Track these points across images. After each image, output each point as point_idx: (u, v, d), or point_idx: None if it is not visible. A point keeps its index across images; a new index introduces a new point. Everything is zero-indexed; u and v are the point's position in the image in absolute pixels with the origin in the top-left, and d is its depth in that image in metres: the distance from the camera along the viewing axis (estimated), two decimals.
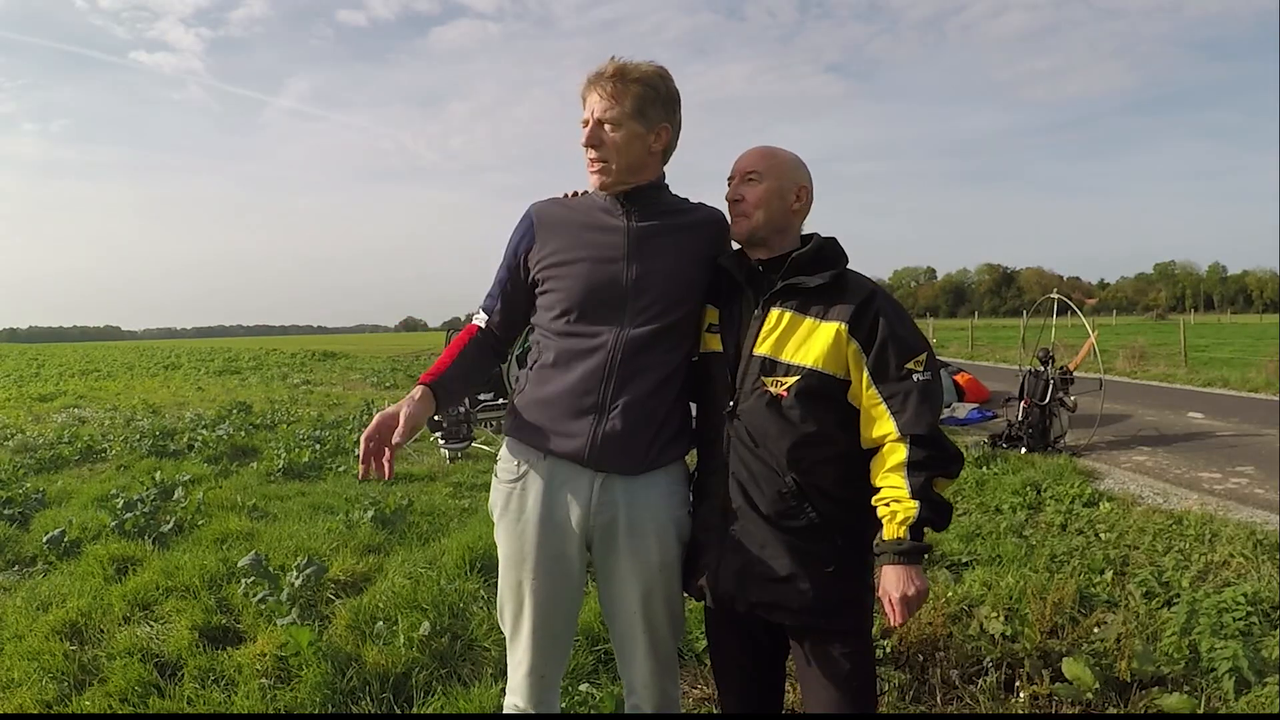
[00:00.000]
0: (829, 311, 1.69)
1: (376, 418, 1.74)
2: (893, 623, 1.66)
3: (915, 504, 1.61)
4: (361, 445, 1.71)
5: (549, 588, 1.82)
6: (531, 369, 1.86)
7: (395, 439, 1.71)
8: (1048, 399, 7.96)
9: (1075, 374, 8.33)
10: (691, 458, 1.95)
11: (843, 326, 1.66)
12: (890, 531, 1.63)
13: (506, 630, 1.90)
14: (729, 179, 1.83)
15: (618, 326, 1.77)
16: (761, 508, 1.72)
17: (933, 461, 1.62)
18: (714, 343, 1.82)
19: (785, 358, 1.70)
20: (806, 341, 1.69)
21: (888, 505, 1.64)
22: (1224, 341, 27.79)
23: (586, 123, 1.79)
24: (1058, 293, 9.41)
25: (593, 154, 1.79)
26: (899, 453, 1.63)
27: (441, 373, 1.85)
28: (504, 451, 1.89)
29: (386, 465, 1.71)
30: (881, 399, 1.65)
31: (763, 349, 1.72)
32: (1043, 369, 8.17)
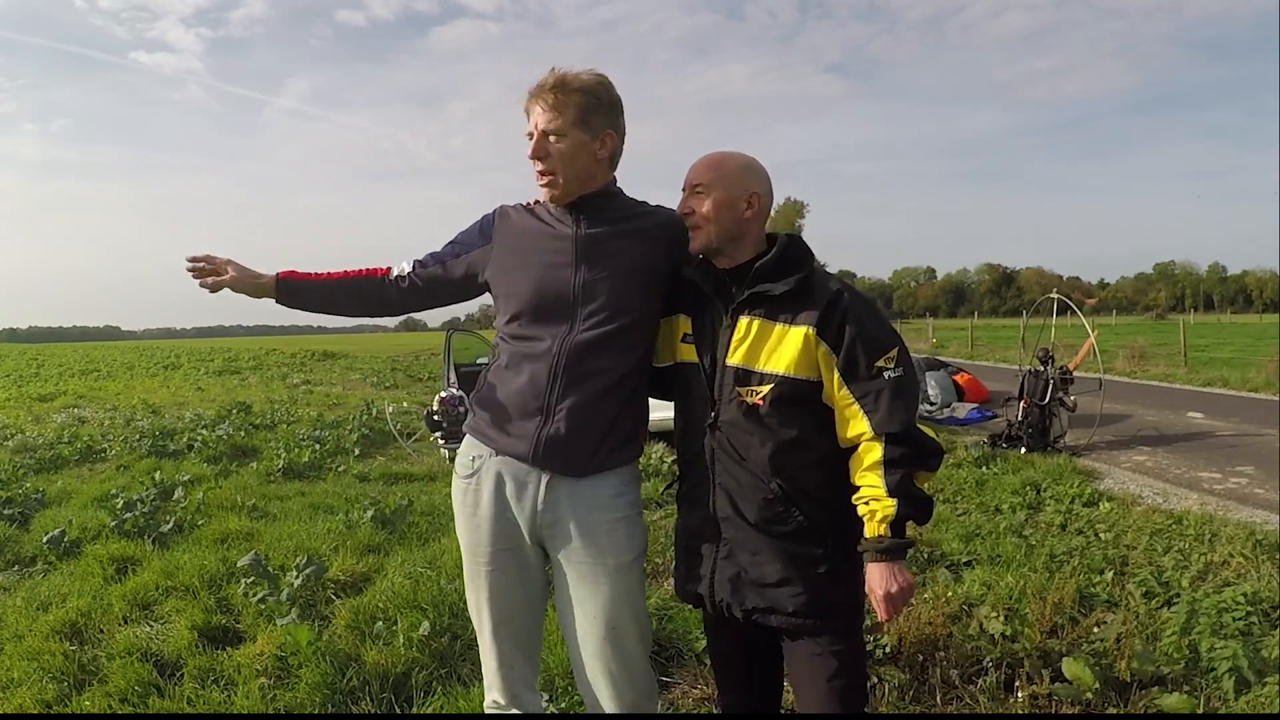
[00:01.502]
0: (797, 316, 1.69)
1: (226, 258, 1.94)
2: (880, 618, 1.68)
3: (893, 501, 1.62)
4: (203, 258, 1.92)
5: (505, 580, 1.86)
6: (489, 371, 1.90)
7: (209, 280, 1.93)
8: (1047, 399, 7.96)
9: (1075, 374, 8.33)
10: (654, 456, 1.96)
11: (810, 330, 1.66)
12: (871, 530, 1.65)
13: (475, 625, 1.94)
14: (682, 189, 1.81)
15: (565, 331, 1.79)
16: (749, 516, 1.73)
17: (909, 458, 1.63)
18: (689, 353, 1.82)
19: (758, 367, 1.71)
20: (777, 349, 1.69)
21: (867, 504, 1.65)
22: (1224, 341, 27.79)
23: (531, 135, 1.80)
24: (1058, 293, 9.42)
25: (540, 166, 1.81)
26: (874, 451, 1.64)
27: (303, 280, 1.97)
28: (463, 447, 1.92)
29: (206, 282, 1.93)
30: (854, 399, 1.66)
31: (735, 359, 1.72)
32: (1042, 369, 8.17)
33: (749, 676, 1.92)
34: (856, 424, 1.66)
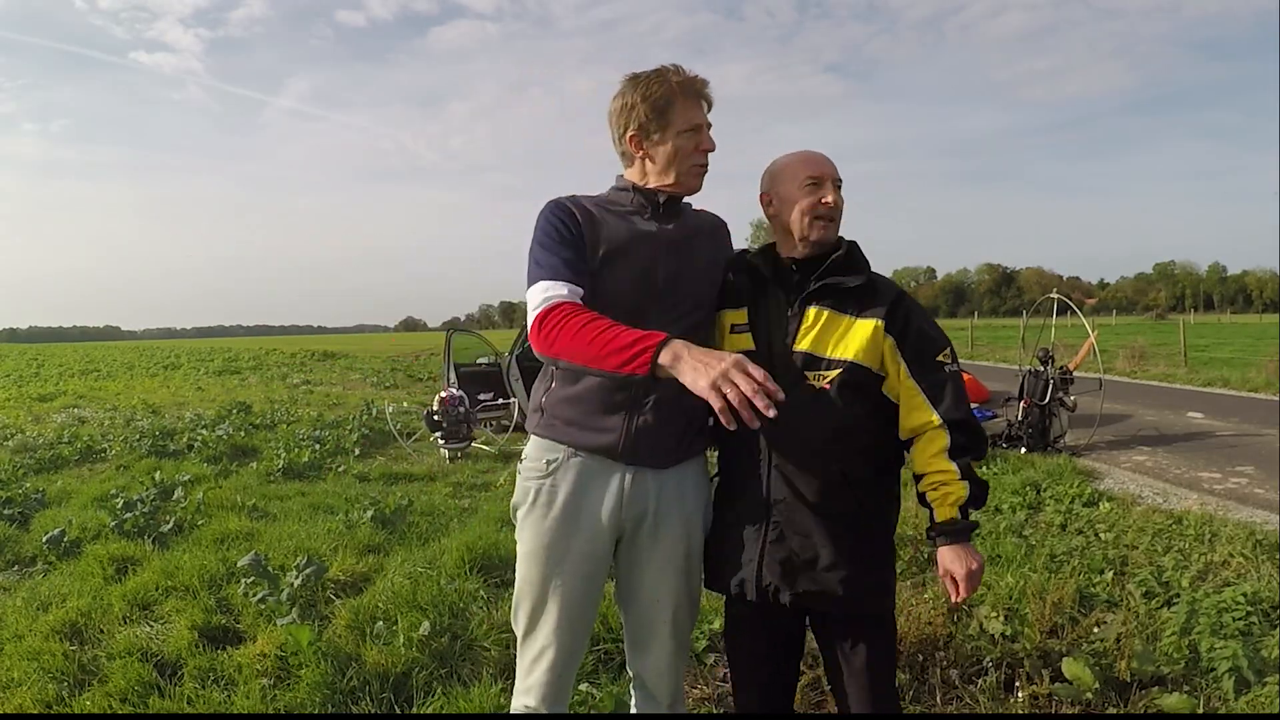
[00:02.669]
0: (864, 310, 1.78)
1: (748, 365, 1.45)
2: (957, 598, 1.75)
3: (965, 484, 1.73)
4: (747, 383, 1.42)
5: (575, 584, 1.83)
6: (557, 368, 1.87)
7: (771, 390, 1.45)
8: (1047, 399, 7.96)
9: (1075, 374, 8.33)
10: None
11: (880, 323, 1.77)
12: (944, 514, 1.74)
13: (521, 628, 1.89)
14: (814, 179, 1.82)
15: (647, 326, 1.77)
16: (808, 496, 1.77)
17: (971, 445, 1.75)
18: (743, 342, 1.86)
19: (827, 353, 1.78)
20: (845, 337, 1.78)
21: (937, 489, 1.74)
22: (1224, 341, 27.79)
23: (700, 128, 1.85)
24: (1057, 293, 9.41)
25: (706, 159, 1.88)
26: (941, 439, 1.74)
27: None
28: (531, 449, 1.89)
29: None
30: (920, 390, 1.76)
31: (804, 345, 1.79)
32: (1042, 369, 8.17)
33: (771, 672, 1.94)
34: (922, 413, 1.75)
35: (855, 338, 1.77)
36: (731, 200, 2.00)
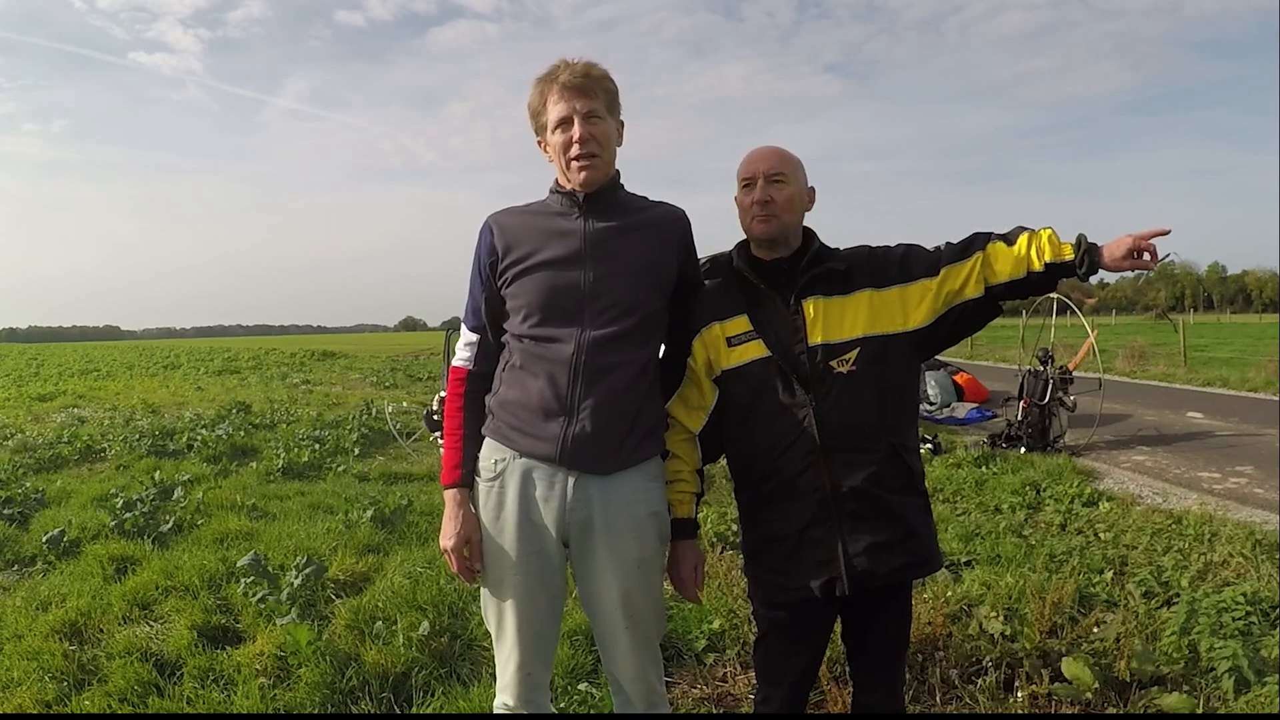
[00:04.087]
0: (850, 286, 1.83)
1: (460, 535, 1.84)
2: (1155, 257, 1.73)
3: (1046, 228, 1.79)
4: (455, 561, 1.86)
5: (530, 584, 1.84)
6: (503, 370, 1.88)
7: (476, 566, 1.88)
8: (1047, 399, 7.97)
9: (1075, 374, 8.33)
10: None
11: (870, 291, 1.82)
12: (1065, 249, 1.77)
13: (492, 629, 1.91)
14: (746, 179, 1.86)
15: (579, 329, 1.78)
16: (872, 479, 1.77)
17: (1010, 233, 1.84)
18: (753, 350, 1.83)
19: (839, 338, 1.80)
20: (846, 317, 1.81)
21: (1041, 249, 1.77)
22: (1224, 341, 27.78)
23: (568, 121, 1.79)
24: (1057, 292, 9.41)
25: (585, 149, 1.78)
26: (996, 243, 1.81)
27: (465, 465, 1.89)
28: (484, 450, 1.89)
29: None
30: (957, 262, 1.82)
31: (817, 338, 1.80)
32: (1042, 369, 8.17)
33: (806, 669, 1.95)
34: (973, 261, 1.81)
35: (855, 314, 1.81)
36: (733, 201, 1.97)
